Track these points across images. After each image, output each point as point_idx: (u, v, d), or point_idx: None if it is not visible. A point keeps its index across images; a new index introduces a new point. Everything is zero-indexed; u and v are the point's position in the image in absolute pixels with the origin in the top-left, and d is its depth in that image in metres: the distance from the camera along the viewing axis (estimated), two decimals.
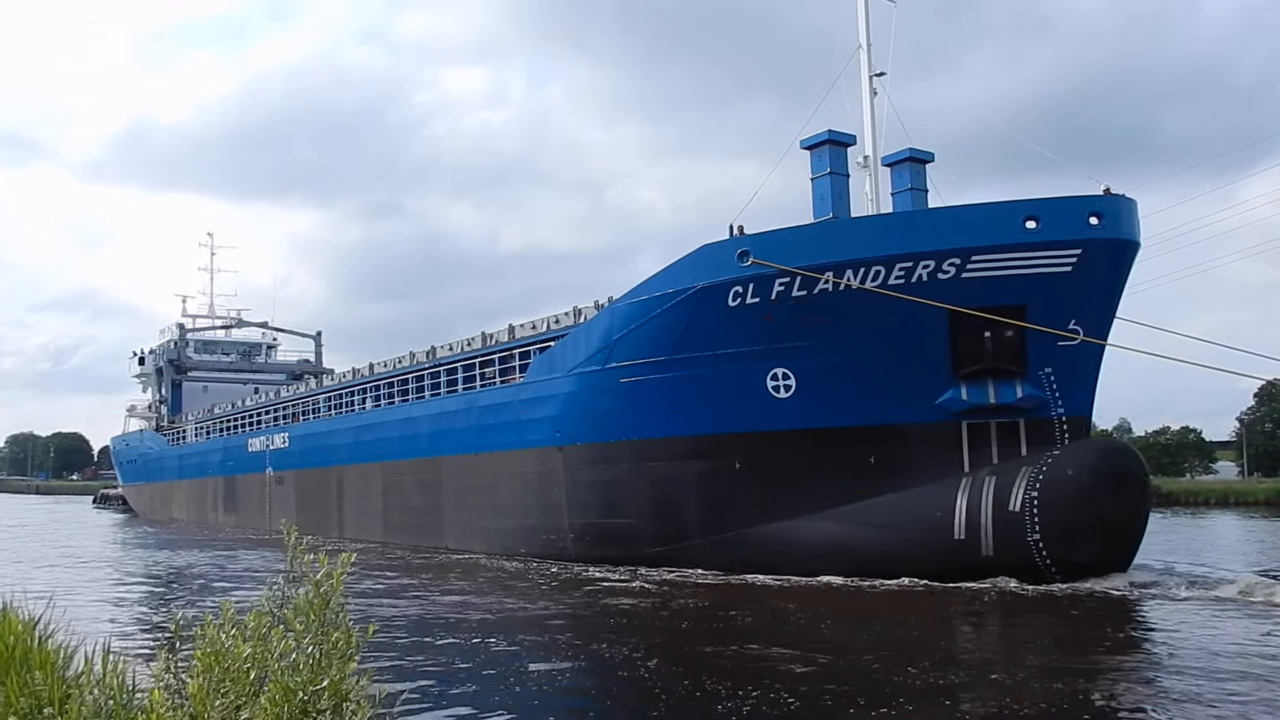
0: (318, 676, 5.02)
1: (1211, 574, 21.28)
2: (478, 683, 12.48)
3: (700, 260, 22.89)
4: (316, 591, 5.27)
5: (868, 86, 25.52)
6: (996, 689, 11.61)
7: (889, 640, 15.28)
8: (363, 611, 17.22)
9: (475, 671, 13.27)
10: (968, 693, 11.55)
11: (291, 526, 5.73)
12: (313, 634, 5.18)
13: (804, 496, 22.24)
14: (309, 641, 5.16)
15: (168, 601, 21.05)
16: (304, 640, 5.16)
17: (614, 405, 25.06)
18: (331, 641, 5.19)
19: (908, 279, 20.79)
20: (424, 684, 12.02)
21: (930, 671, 12.30)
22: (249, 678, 5.11)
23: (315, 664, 5.09)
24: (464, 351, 32.46)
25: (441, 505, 32.07)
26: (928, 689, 11.52)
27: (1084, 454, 20.59)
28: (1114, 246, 20.47)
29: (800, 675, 12.33)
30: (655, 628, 17.17)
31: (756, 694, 11.15)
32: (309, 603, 5.25)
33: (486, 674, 13.11)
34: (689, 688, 11.69)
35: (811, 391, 22.16)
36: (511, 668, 13.19)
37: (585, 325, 26.37)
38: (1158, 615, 16.76)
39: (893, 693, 11.26)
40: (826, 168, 24.53)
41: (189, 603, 20.04)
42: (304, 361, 67.91)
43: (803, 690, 11.42)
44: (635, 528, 24.82)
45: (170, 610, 18.32)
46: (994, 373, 21.16)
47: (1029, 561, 20.09)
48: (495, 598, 20.86)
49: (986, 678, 12.29)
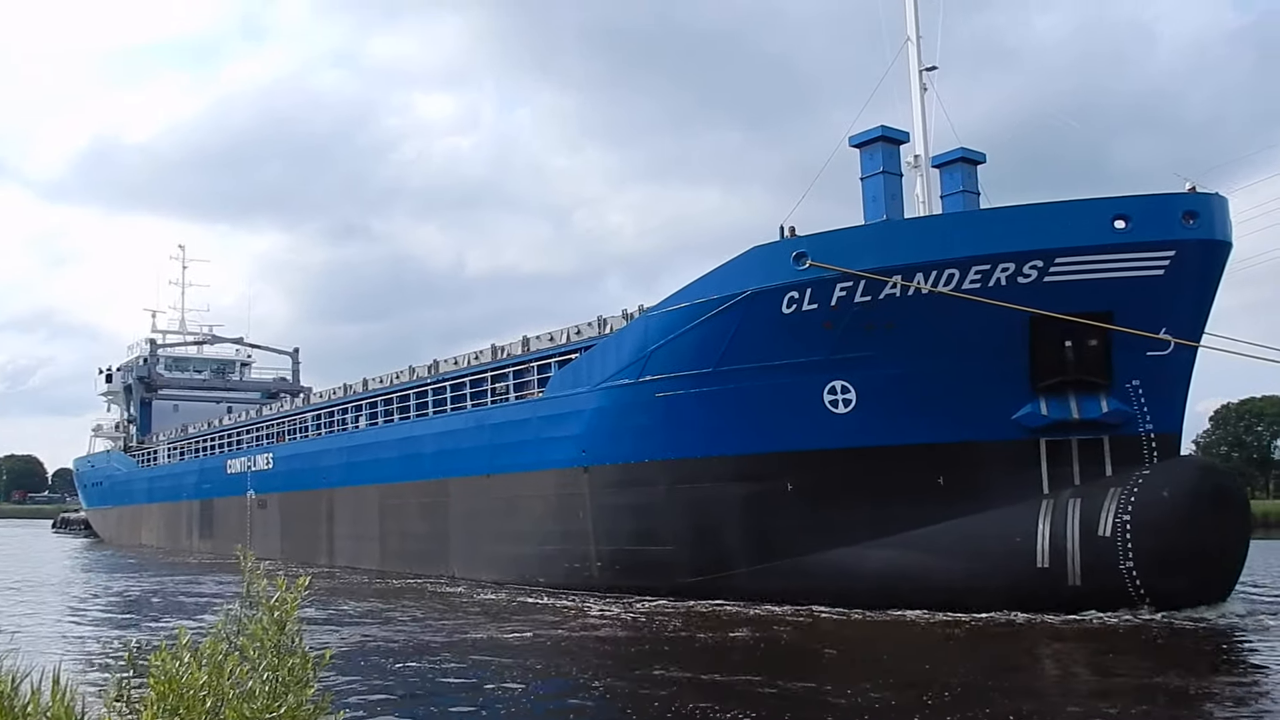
0: (274, 704, 4.94)
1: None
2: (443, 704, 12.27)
3: (750, 263, 21.03)
4: (271, 617, 5.20)
5: (917, 82, 23.90)
6: None
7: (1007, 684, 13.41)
8: (332, 637, 17.49)
9: (449, 694, 13.09)
10: None
11: (249, 551, 5.62)
12: (268, 660, 5.09)
13: (864, 521, 20.34)
14: (265, 668, 5.07)
15: (124, 627, 20.27)
16: (259, 667, 5.07)
17: (648, 422, 23.07)
18: (288, 668, 5.09)
19: (984, 283, 19.04)
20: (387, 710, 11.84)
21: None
22: (204, 706, 4.95)
23: (271, 691, 4.99)
24: (472, 365, 30.34)
25: (448, 531, 29.84)
26: None
27: (1180, 474, 18.88)
28: (1208, 248, 18.85)
29: None
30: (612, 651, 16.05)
31: None
32: (263, 629, 5.16)
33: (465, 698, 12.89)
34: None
35: (874, 406, 20.30)
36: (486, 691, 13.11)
37: (615, 336, 24.39)
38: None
39: None
40: (879, 167, 22.82)
41: (148, 628, 19.36)
42: (280, 379, 65.30)
43: None
44: (671, 555, 22.78)
45: (125, 636, 16.88)
46: (1076, 385, 19.43)
47: (1121, 591, 18.31)
48: (484, 624, 19.65)
49: None
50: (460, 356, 31.46)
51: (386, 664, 15.21)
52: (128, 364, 65.00)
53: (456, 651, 16.62)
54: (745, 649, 16.54)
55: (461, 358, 31.31)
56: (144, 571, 36.77)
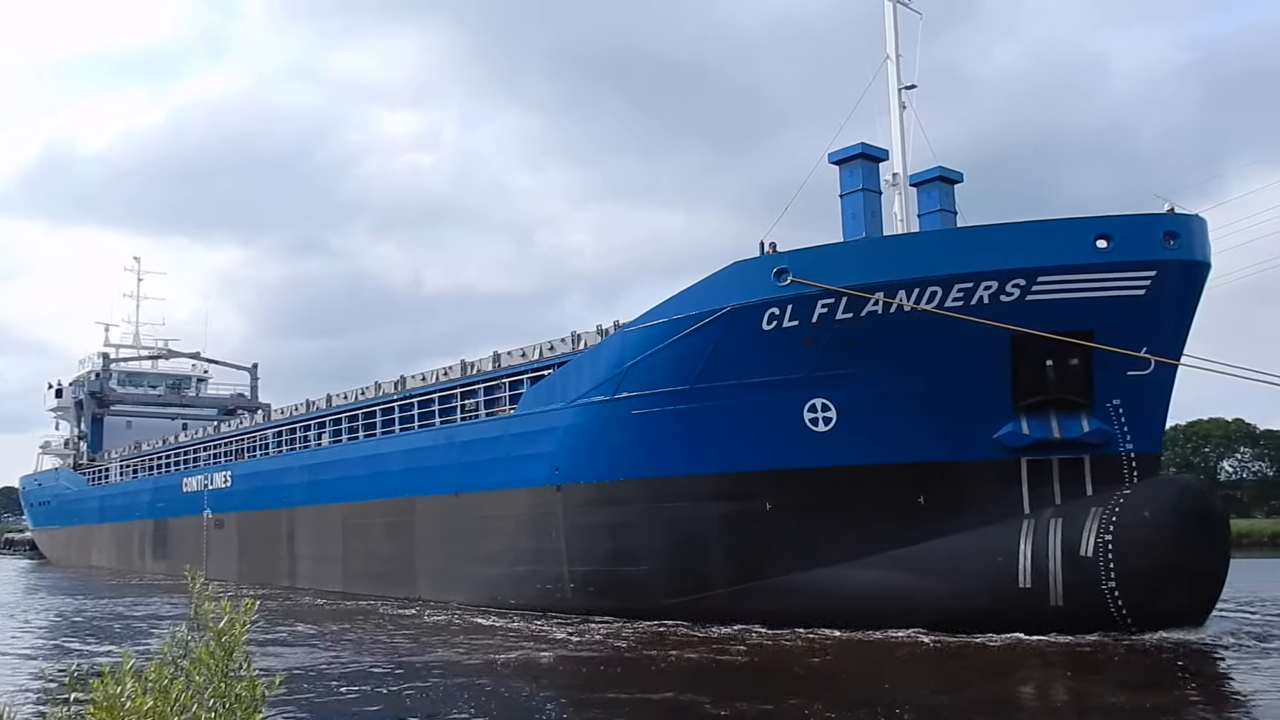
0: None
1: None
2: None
3: (730, 279, 20.78)
4: (218, 641, 5.11)
5: (896, 100, 23.87)
6: None
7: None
8: (282, 660, 17.10)
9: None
10: None
11: (196, 572, 5.50)
12: (215, 685, 5.02)
13: (845, 541, 20.09)
14: (211, 693, 4.99)
15: (67, 651, 19.67)
16: (205, 693, 4.99)
17: (624, 440, 22.68)
18: (235, 693, 5.01)
19: (967, 301, 18.93)
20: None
21: None
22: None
23: (218, 717, 4.95)
24: (441, 382, 29.77)
25: (414, 551, 29.17)
26: None
27: (1161, 493, 18.83)
28: (1188, 268, 18.91)
29: None
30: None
31: None
32: (210, 652, 5.09)
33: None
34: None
35: (855, 424, 20.10)
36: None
37: (590, 352, 24.01)
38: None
39: None
40: (859, 184, 22.77)
41: (92, 653, 18.81)
42: (238, 395, 64.01)
43: None
44: (648, 576, 22.35)
45: (68, 661, 16.32)
46: (1057, 404, 19.37)
47: (1103, 611, 18.20)
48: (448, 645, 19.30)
49: None
50: (428, 372, 30.88)
51: (336, 688, 14.88)
52: (79, 379, 63.41)
53: (409, 674, 16.36)
54: (700, 670, 16.44)
55: (430, 373, 30.73)
56: (92, 593, 35.73)
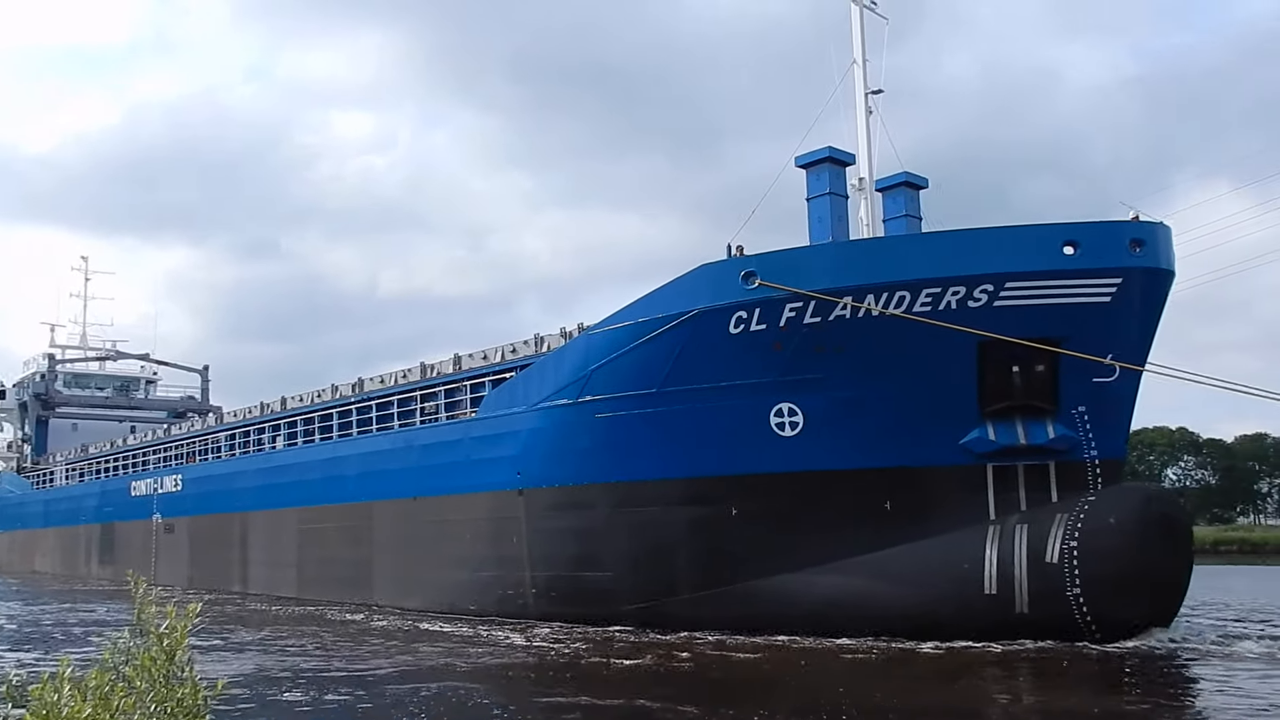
0: None
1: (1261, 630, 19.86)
2: None
3: (698, 282, 20.57)
4: (160, 646, 5.02)
5: (863, 104, 23.85)
6: None
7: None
8: (226, 666, 16.90)
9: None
10: None
11: (140, 577, 5.44)
12: (157, 691, 4.92)
13: (810, 546, 19.94)
14: (153, 699, 4.91)
15: (3, 658, 19.03)
16: (147, 698, 4.90)
17: (588, 444, 22.38)
18: (177, 699, 4.95)
19: (935, 306, 18.87)
20: None
21: None
22: None
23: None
24: (399, 384, 29.26)
25: (371, 556, 28.61)
26: None
27: (1126, 500, 18.87)
28: (1154, 276, 18.99)
29: None
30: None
31: None
32: (152, 658, 4.98)
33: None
34: None
35: (822, 429, 19.96)
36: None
37: (554, 354, 23.68)
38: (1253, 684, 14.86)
39: None
40: (826, 188, 22.70)
41: (31, 659, 18.18)
42: (189, 398, 62.78)
43: None
44: (611, 582, 22.05)
45: (4, 668, 15.79)
46: (1023, 410, 19.37)
47: (1068, 618, 18.17)
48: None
49: None
50: (387, 375, 30.34)
51: (281, 693, 14.64)
52: (23, 380, 61.77)
53: (356, 680, 16.03)
54: (652, 675, 16.33)
55: (388, 376, 30.19)
56: (33, 599, 34.69)
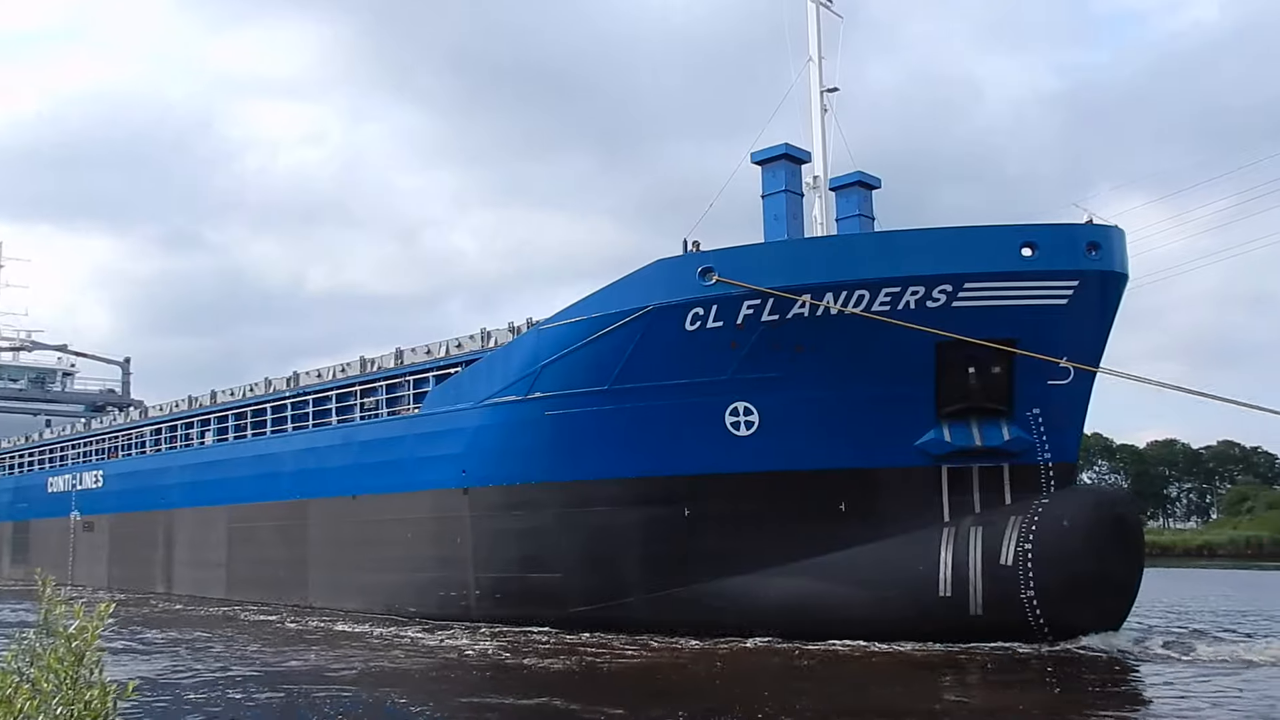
0: None
1: (1223, 630, 20.06)
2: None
3: (654, 277, 20.15)
4: (68, 647, 4.89)
5: (818, 102, 23.66)
6: None
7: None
8: (137, 667, 16.53)
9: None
10: None
11: (47, 577, 5.30)
12: (63, 694, 4.80)
13: (765, 548, 19.65)
14: (59, 701, 4.79)
15: None
16: (53, 701, 4.79)
17: (537, 442, 21.82)
18: (85, 702, 4.82)
19: (894, 306, 18.70)
20: None
21: None
22: None
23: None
24: (338, 379, 28.34)
25: (306, 557, 27.66)
26: None
27: (1079, 502, 18.91)
28: (1108, 279, 19.06)
29: None
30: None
31: None
32: (59, 659, 4.88)
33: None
34: None
35: (777, 429, 19.67)
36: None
37: (502, 350, 23.06)
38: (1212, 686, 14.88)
39: None
40: (782, 185, 22.42)
41: None
42: (109, 392, 60.41)
43: None
44: (559, 584, 21.52)
45: None
46: (979, 412, 19.30)
47: (1021, 621, 18.13)
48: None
49: None
50: (324, 369, 29.38)
51: (193, 696, 14.36)
52: None
53: (271, 682, 15.68)
54: (579, 676, 16.18)
55: (325, 370, 29.24)
56: None
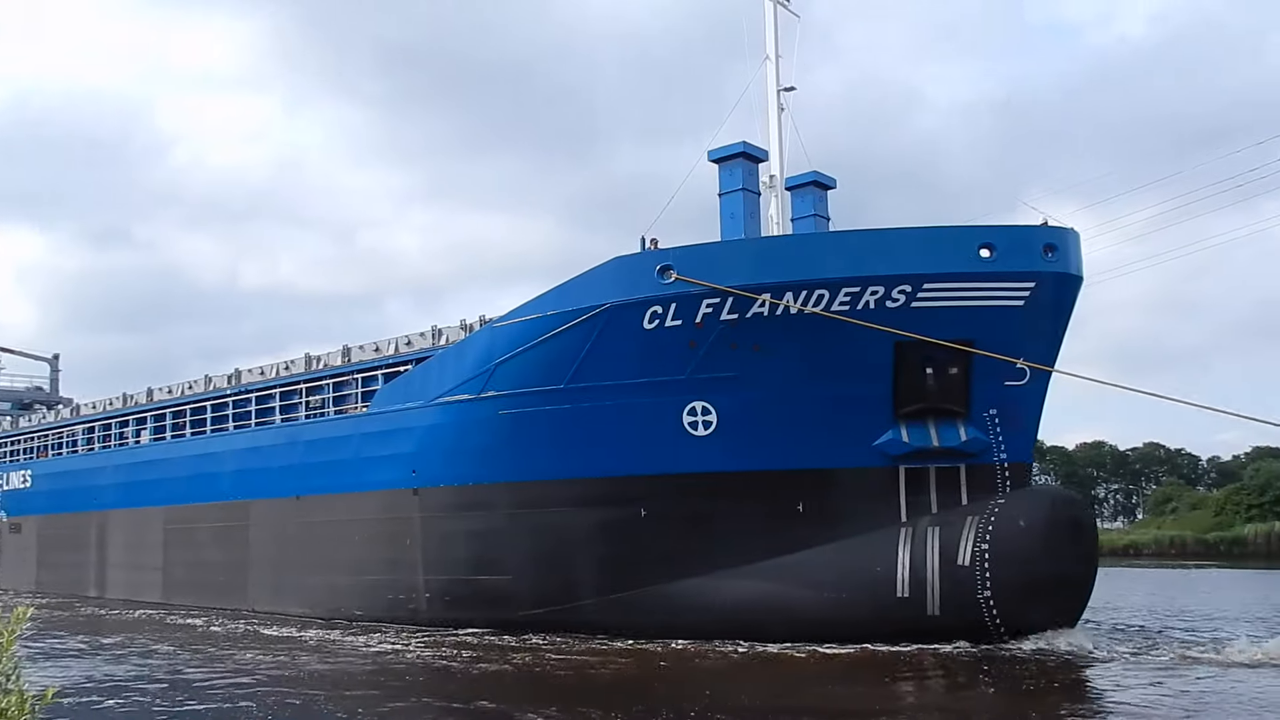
0: None
1: (1164, 629, 20.26)
2: None
3: (612, 275, 19.85)
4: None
5: (775, 101, 23.56)
6: None
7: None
8: (58, 673, 16.26)
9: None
10: None
11: None
12: None
13: (721, 549, 19.48)
14: None
15: None
16: None
17: (490, 441, 21.41)
18: (0, 710, 4.76)
19: (853, 306, 18.62)
20: None
21: None
22: None
23: None
24: (282, 376, 27.61)
25: (248, 559, 26.89)
26: None
27: (1035, 503, 19.00)
28: (1064, 281, 19.17)
29: None
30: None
31: None
32: None
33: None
34: None
35: (735, 429, 19.50)
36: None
37: (454, 348, 22.61)
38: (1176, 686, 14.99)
39: None
40: (739, 184, 22.29)
41: None
42: (35, 389, 58.39)
43: None
44: (511, 586, 21.15)
45: None
46: (936, 413, 19.30)
47: (978, 620, 18.16)
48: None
49: None
50: (267, 366, 28.62)
51: (115, 703, 14.17)
52: None
53: (196, 688, 15.40)
54: (517, 678, 16.15)
55: (269, 367, 28.48)
56: None
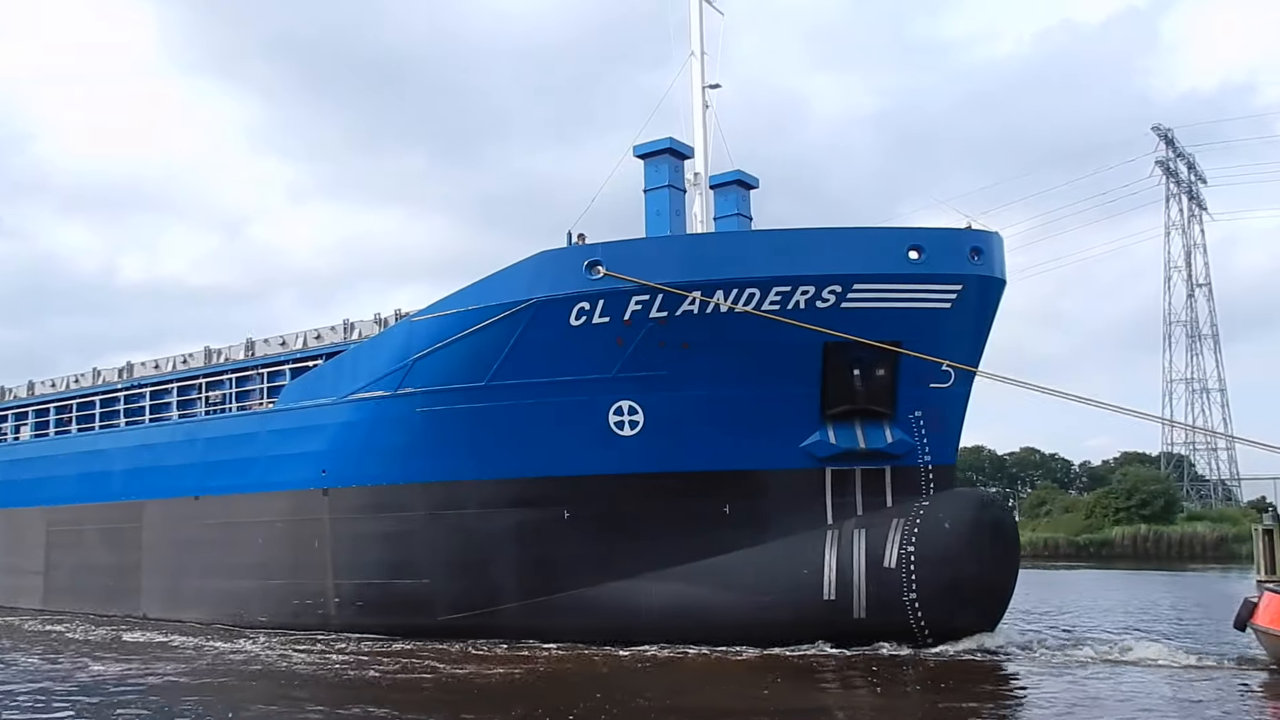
0: None
1: (1074, 632, 20.62)
2: None
3: (537, 269, 19.29)
4: None
5: (700, 98, 23.29)
6: None
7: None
8: None
9: None
10: None
11: None
12: None
13: (647, 552, 19.11)
14: None
15: None
16: None
17: (407, 440, 20.62)
18: None
19: (783, 305, 18.44)
20: None
21: None
22: None
23: None
24: (179, 370, 26.22)
25: (140, 563, 25.45)
26: None
27: (960, 506, 19.06)
28: (989, 284, 19.35)
29: None
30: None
31: None
32: None
33: None
34: None
35: (662, 429, 19.14)
36: None
37: (370, 342, 21.74)
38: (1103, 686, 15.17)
39: None
40: (665, 180, 22.00)
41: None
42: None
43: None
44: (428, 590, 20.39)
45: None
46: (863, 415, 19.26)
47: (903, 623, 18.17)
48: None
49: None
50: (163, 359, 27.16)
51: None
52: None
53: (51, 698, 14.88)
54: (402, 685, 15.77)
55: (164, 360, 27.03)
56: None
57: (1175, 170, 70.29)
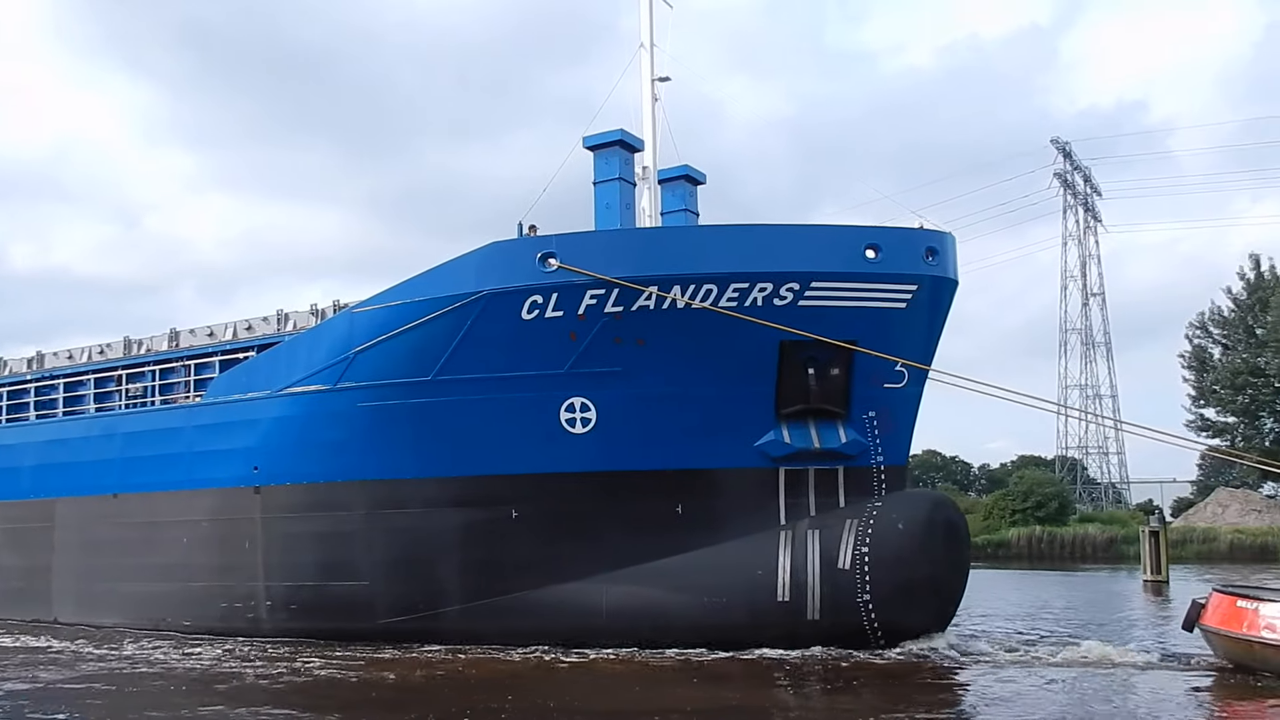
0: None
1: (1026, 633, 20.72)
2: None
3: (488, 261, 18.67)
4: None
5: (649, 91, 22.89)
6: None
7: None
8: None
9: None
10: None
11: None
12: None
13: (597, 553, 18.63)
14: None
15: None
16: None
17: (345, 436, 19.78)
18: None
19: (740, 302, 18.15)
20: None
21: None
22: None
23: None
24: (96, 361, 24.85)
25: (51, 564, 24.03)
26: None
27: (912, 507, 19.02)
28: (943, 285, 19.34)
29: None
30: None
31: None
32: None
33: None
34: None
35: (615, 427, 18.68)
36: None
37: (307, 334, 20.82)
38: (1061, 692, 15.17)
39: None
40: (615, 173, 21.50)
41: None
42: None
43: None
44: (367, 593, 19.58)
45: None
46: (816, 414, 19.08)
47: (856, 625, 18.03)
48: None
49: None
50: (76, 349, 25.74)
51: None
52: None
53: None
54: (314, 687, 15.60)
55: (79, 350, 25.61)
56: None
57: (1073, 183, 72.00)
